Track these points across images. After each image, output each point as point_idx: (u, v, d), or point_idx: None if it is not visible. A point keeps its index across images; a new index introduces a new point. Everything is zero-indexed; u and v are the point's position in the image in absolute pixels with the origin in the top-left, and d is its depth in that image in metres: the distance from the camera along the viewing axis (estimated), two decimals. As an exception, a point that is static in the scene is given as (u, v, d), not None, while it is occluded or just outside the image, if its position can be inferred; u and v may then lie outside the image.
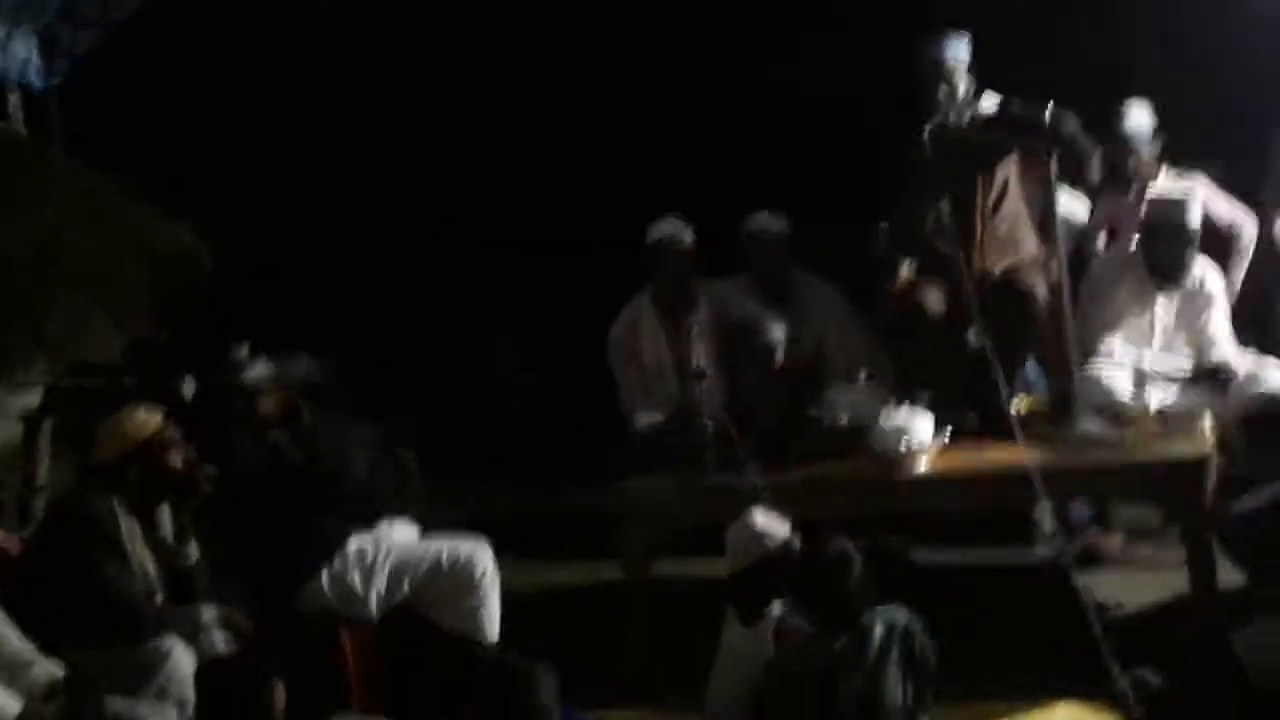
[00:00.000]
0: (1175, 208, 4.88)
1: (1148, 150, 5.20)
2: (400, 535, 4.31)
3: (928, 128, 4.66)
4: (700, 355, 4.74)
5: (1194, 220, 4.87)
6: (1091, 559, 5.08)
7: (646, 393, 5.12)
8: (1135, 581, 4.87)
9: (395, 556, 4.18)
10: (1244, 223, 5.21)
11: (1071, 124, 4.51)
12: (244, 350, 4.46)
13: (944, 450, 4.48)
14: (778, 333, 4.90)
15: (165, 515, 3.97)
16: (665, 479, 4.72)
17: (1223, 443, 4.47)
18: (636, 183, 6.19)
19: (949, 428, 4.48)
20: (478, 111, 6.79)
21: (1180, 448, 4.35)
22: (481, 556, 4.18)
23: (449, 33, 6.79)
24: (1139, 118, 5.21)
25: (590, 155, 6.55)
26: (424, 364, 6.69)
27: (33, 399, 4.94)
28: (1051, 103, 4.55)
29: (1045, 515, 4.37)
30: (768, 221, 5.33)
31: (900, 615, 3.35)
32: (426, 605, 4.15)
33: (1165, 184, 5.14)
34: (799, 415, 4.81)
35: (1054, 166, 4.57)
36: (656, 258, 5.13)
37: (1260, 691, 3.22)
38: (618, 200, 6.05)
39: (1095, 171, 4.85)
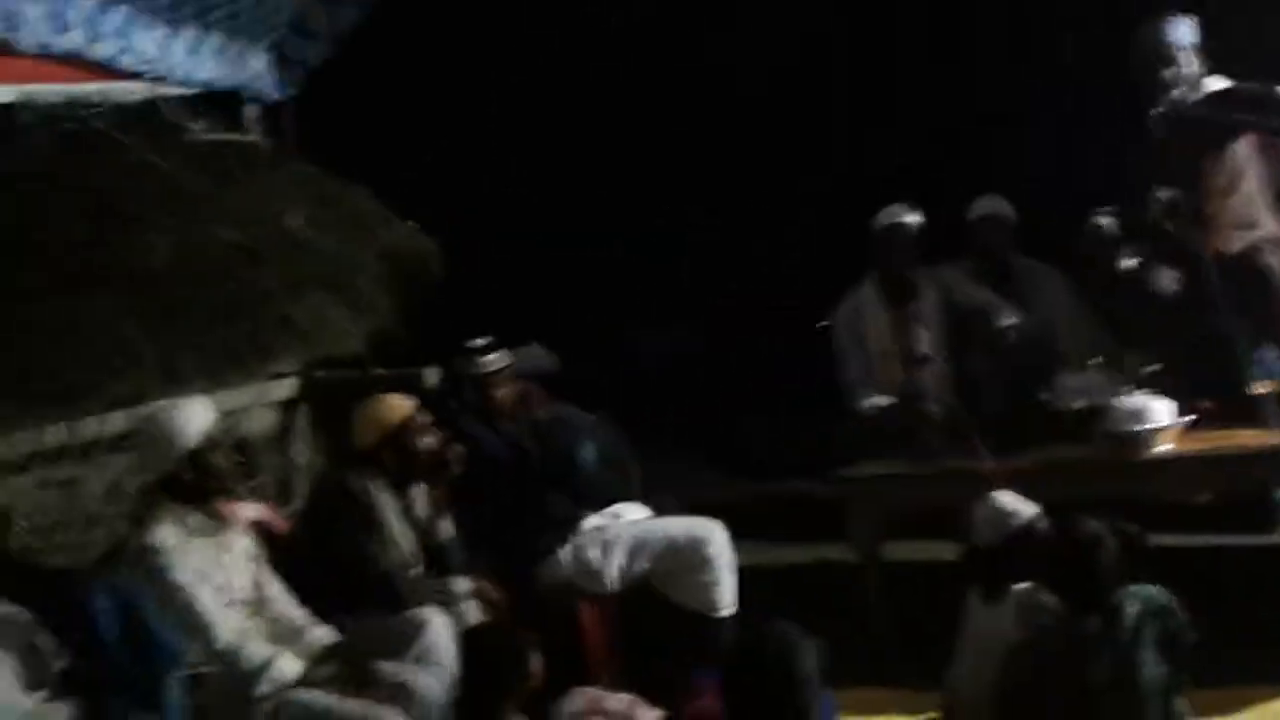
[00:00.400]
0: None
1: None
2: (635, 516, 4.46)
3: (1159, 110, 4.60)
4: (925, 340, 4.75)
5: None
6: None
7: (871, 378, 5.14)
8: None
9: (632, 534, 4.35)
10: None
11: None
12: (481, 342, 4.63)
13: (1182, 433, 4.41)
14: (1007, 317, 4.86)
15: (421, 494, 4.19)
16: (895, 462, 4.76)
17: None
18: (853, 167, 6.22)
19: (1187, 413, 4.41)
20: (694, 102, 6.87)
21: None
22: (716, 534, 4.30)
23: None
24: None
25: (804, 138, 6.58)
26: (638, 354, 6.85)
27: (286, 389, 5.24)
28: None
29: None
30: (994, 205, 5.30)
31: (1155, 594, 3.31)
32: (663, 581, 4.28)
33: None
34: (1029, 400, 4.77)
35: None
36: (882, 243, 5.14)
37: None
38: (836, 184, 6.10)
39: None
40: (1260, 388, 4.59)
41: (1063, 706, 3.20)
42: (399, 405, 4.15)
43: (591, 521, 4.41)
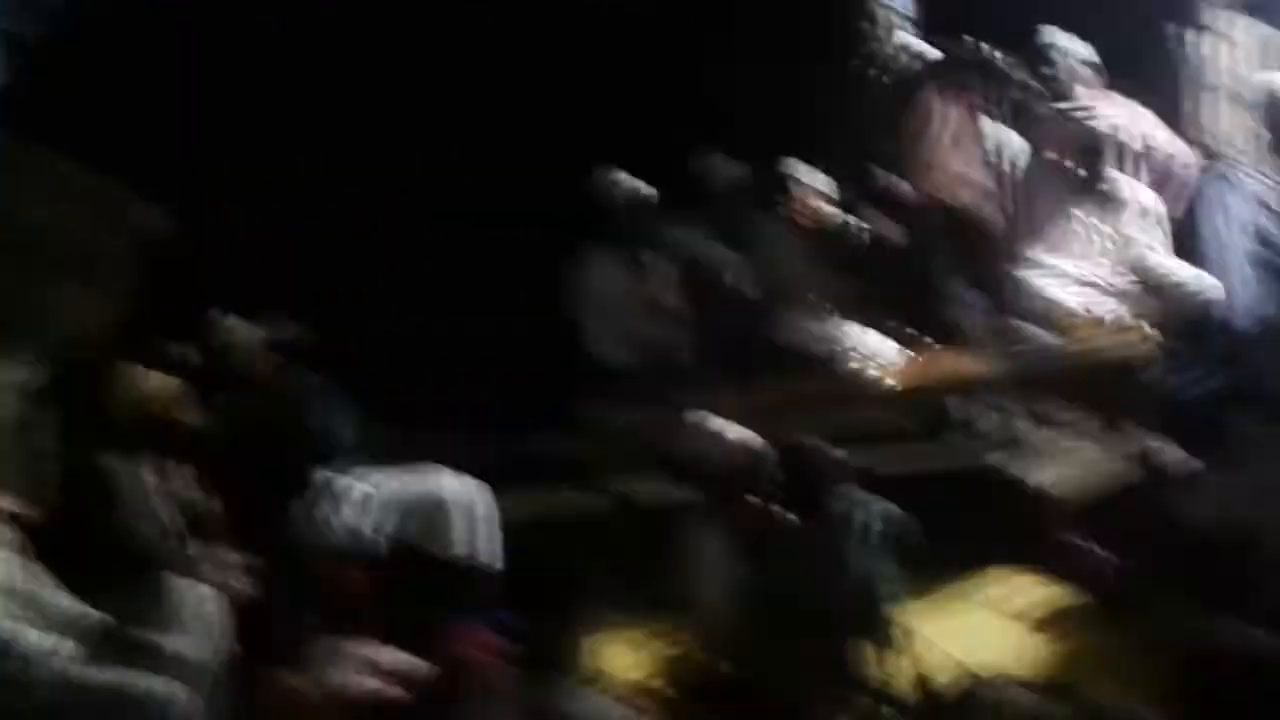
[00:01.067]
0: (1096, 119, 5.20)
1: (1073, 74, 5.48)
2: (396, 478, 4.59)
3: (860, 64, 4.96)
4: (667, 293, 5.02)
5: (1105, 129, 5.18)
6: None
7: (614, 334, 5.39)
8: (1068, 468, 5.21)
9: (397, 495, 4.48)
10: (1179, 156, 5.52)
11: (1000, 56, 4.80)
12: (230, 315, 4.67)
13: (903, 366, 4.81)
14: (741, 269, 5.18)
15: (180, 468, 4.20)
16: (640, 409, 5.01)
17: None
18: (580, 133, 6.41)
19: (906, 343, 4.81)
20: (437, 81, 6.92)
21: (1121, 348, 4.67)
22: (478, 490, 4.47)
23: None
24: (1066, 43, 5.50)
25: (529, 104, 6.73)
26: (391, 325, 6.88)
27: (29, 374, 5.12)
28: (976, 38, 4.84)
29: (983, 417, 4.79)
30: (721, 164, 5.61)
31: (876, 503, 3.65)
32: (427, 536, 4.43)
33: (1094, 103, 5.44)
34: (767, 343, 5.09)
35: (990, 97, 4.83)
36: (620, 206, 5.38)
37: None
38: (562, 151, 6.27)
39: (1030, 97, 5.15)
40: (966, 323, 5.04)
41: (794, 605, 3.49)
42: (160, 383, 4.15)
43: (357, 487, 4.52)
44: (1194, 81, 5.57)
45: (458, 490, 4.47)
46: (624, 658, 4.25)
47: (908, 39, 5.04)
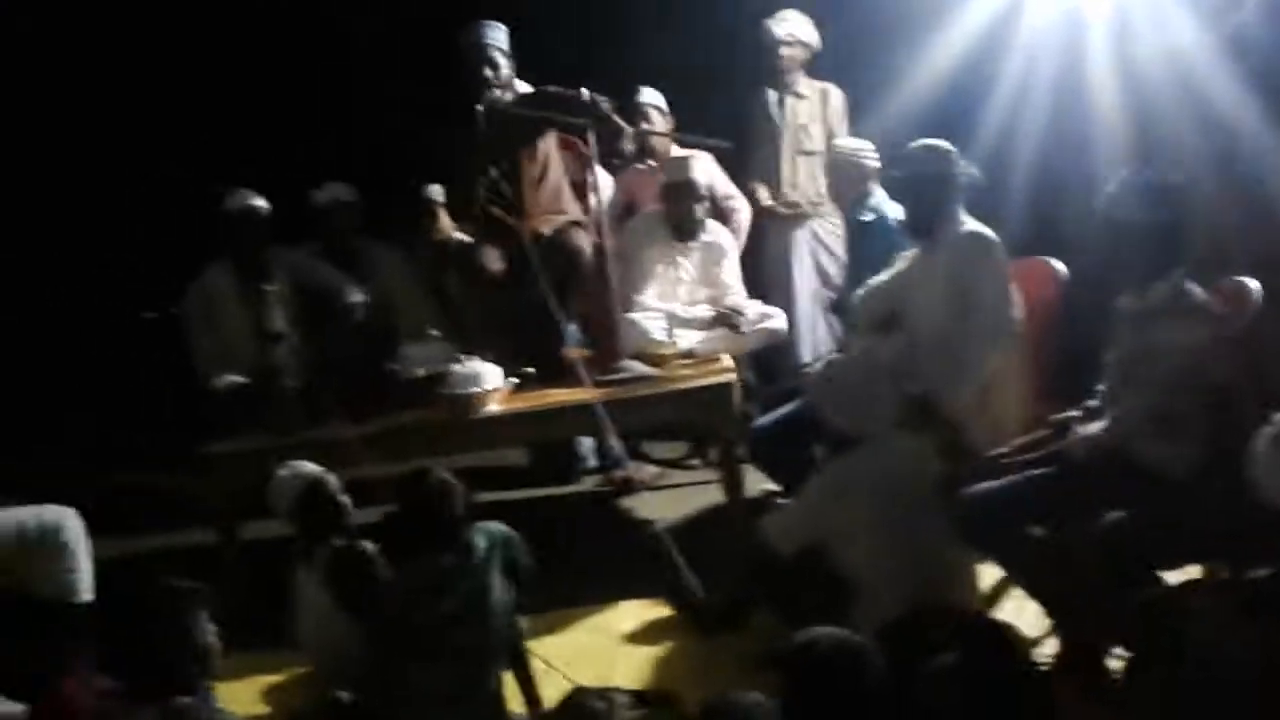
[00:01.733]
0: (684, 166, 5.63)
1: (661, 126, 5.93)
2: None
3: (480, 106, 5.15)
4: (279, 319, 4.99)
5: (701, 178, 5.64)
6: (631, 488, 5.85)
7: (225, 358, 5.29)
8: (674, 500, 5.67)
9: None
10: (740, 201, 6.07)
11: (605, 104, 5.11)
12: None
13: (511, 393, 5.01)
14: (356, 295, 5.24)
15: None
16: (250, 438, 4.96)
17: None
18: (201, 154, 6.28)
19: (514, 376, 5.02)
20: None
21: (708, 378, 5.09)
22: (68, 521, 4.25)
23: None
24: (651, 98, 5.94)
25: (149, 126, 6.53)
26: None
27: None
28: (584, 88, 5.13)
29: (607, 447, 5.10)
30: (339, 191, 5.65)
31: (498, 529, 3.82)
32: (16, 573, 4.20)
33: (676, 155, 5.90)
34: (378, 371, 5.17)
35: (592, 141, 5.13)
36: (233, 226, 5.30)
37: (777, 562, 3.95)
38: (181, 173, 6.13)
39: (627, 144, 5.51)
40: (570, 353, 5.33)
41: (423, 634, 3.61)
42: None
43: None
44: (767, 135, 6.17)
45: (54, 521, 4.26)
46: (242, 693, 4.24)
47: (524, 87, 5.26)
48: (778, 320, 5.67)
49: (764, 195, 6.18)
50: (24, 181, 6.49)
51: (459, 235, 5.39)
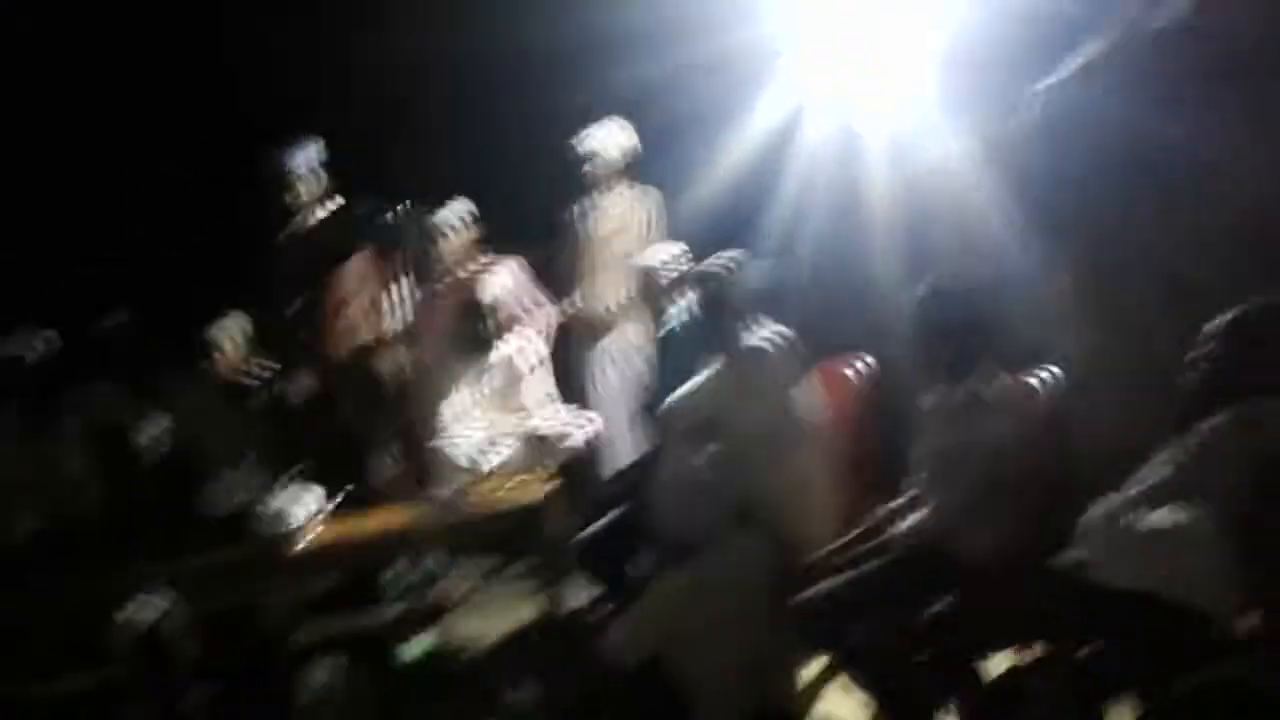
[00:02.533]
0: (471, 286, 5.61)
1: (457, 241, 5.95)
2: None
3: (286, 231, 5.12)
4: (76, 462, 4.79)
5: (489, 294, 5.60)
6: (443, 608, 5.76)
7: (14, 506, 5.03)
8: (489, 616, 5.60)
9: None
10: (547, 306, 6.14)
11: (416, 221, 5.14)
12: None
13: (325, 523, 4.90)
14: (154, 429, 5.05)
15: None
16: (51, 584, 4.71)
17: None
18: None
19: (328, 503, 4.92)
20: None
21: (524, 496, 5.08)
22: None
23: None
24: (448, 215, 5.97)
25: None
26: None
27: None
28: (400, 206, 5.15)
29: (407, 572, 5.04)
30: (124, 319, 5.47)
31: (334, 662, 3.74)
32: None
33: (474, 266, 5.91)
34: (186, 507, 4.99)
35: (400, 259, 5.13)
36: (16, 368, 5.08)
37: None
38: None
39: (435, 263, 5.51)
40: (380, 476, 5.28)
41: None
42: None
43: None
44: (580, 244, 6.29)
45: None
46: None
47: (335, 204, 5.24)
48: (586, 430, 5.68)
49: (565, 305, 6.25)
50: None
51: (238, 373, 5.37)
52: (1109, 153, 4.66)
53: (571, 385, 6.15)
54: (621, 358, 6.33)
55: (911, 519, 3.77)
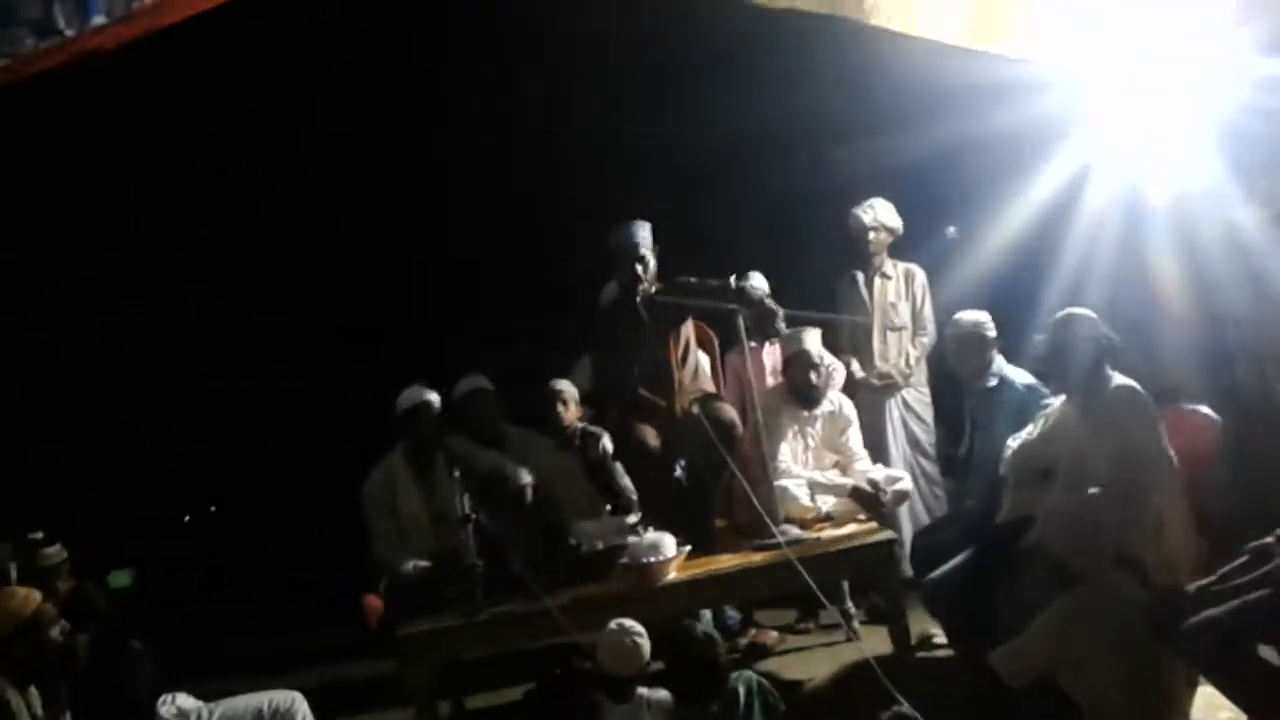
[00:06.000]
0: (799, 339, 6.04)
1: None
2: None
3: (638, 297, 5.60)
4: (463, 502, 5.28)
5: (813, 348, 6.06)
6: (758, 652, 6.14)
7: (406, 544, 5.55)
8: (807, 661, 5.96)
9: (222, 712, 4.63)
10: (838, 366, 6.53)
11: (755, 291, 5.61)
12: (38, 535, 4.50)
13: (685, 561, 5.33)
14: (525, 477, 5.54)
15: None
16: (444, 617, 5.19)
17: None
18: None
19: (686, 545, 5.35)
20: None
21: (871, 536, 5.46)
22: (298, 703, 4.67)
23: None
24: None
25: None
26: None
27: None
28: (733, 276, 5.62)
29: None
30: (477, 381, 5.98)
31: (751, 676, 4.13)
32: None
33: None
34: (556, 547, 5.45)
35: (742, 324, 5.57)
36: (410, 420, 5.64)
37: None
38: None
39: (780, 325, 5.95)
40: (719, 522, 5.70)
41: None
42: (27, 597, 3.95)
43: (178, 704, 4.56)
44: (865, 311, 6.71)
45: (287, 703, 4.57)
46: None
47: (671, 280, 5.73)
48: (905, 482, 6.07)
49: (858, 368, 6.67)
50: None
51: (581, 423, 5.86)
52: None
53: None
54: (904, 418, 6.73)
55: (1297, 548, 4.04)
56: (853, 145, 7.05)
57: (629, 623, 4.49)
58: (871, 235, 6.71)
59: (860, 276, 6.76)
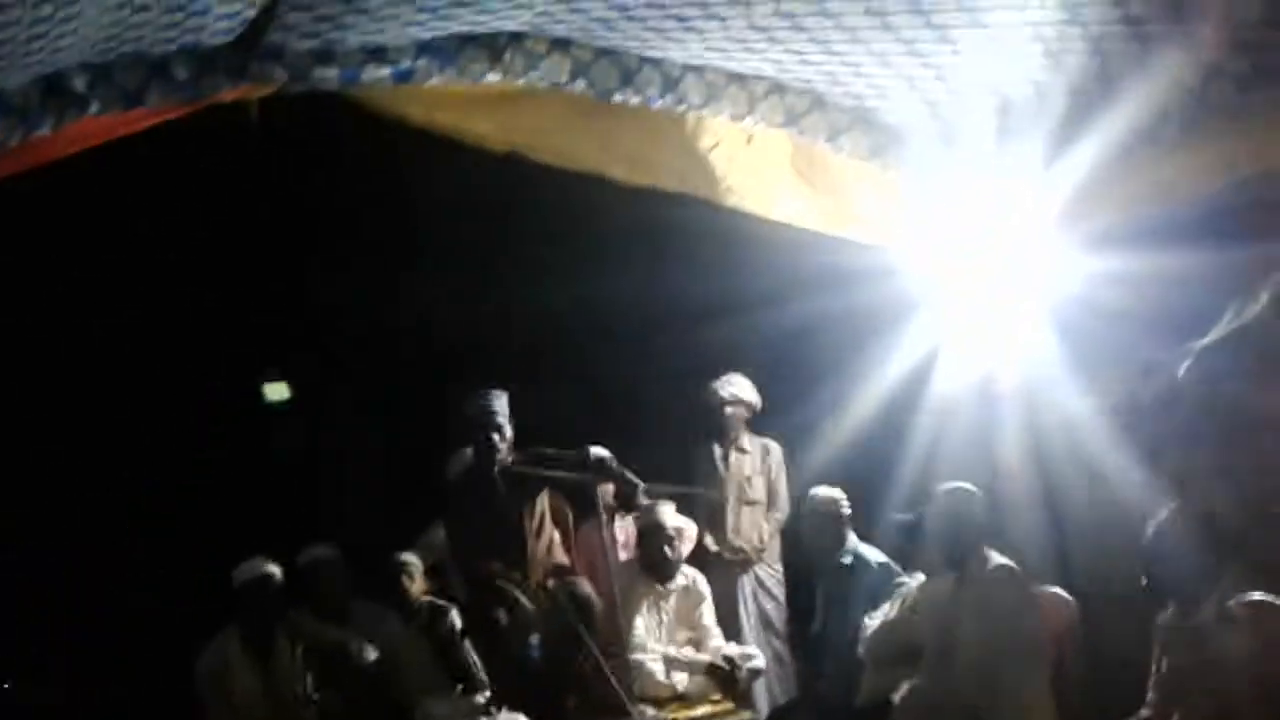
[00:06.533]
0: (654, 511, 5.98)
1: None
2: None
3: (495, 467, 5.47)
4: (302, 682, 4.99)
5: (672, 522, 5.99)
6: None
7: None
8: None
9: None
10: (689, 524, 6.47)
11: (612, 462, 5.54)
12: None
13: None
14: (370, 653, 5.28)
15: None
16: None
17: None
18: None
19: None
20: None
21: (731, 715, 5.33)
22: None
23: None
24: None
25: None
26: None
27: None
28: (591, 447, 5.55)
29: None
30: (322, 551, 5.74)
31: None
32: None
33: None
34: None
35: (601, 495, 5.48)
36: (252, 598, 5.34)
37: None
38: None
39: (641, 498, 5.86)
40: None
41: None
42: None
43: None
44: (723, 484, 6.68)
45: None
46: None
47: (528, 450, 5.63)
48: (759, 660, 5.98)
49: (711, 542, 6.60)
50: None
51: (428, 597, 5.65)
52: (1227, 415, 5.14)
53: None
54: (756, 594, 6.69)
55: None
56: (712, 325, 7.12)
57: None
58: (729, 410, 6.73)
59: (717, 450, 6.75)
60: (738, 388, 6.76)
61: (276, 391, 7.41)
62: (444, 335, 7.19)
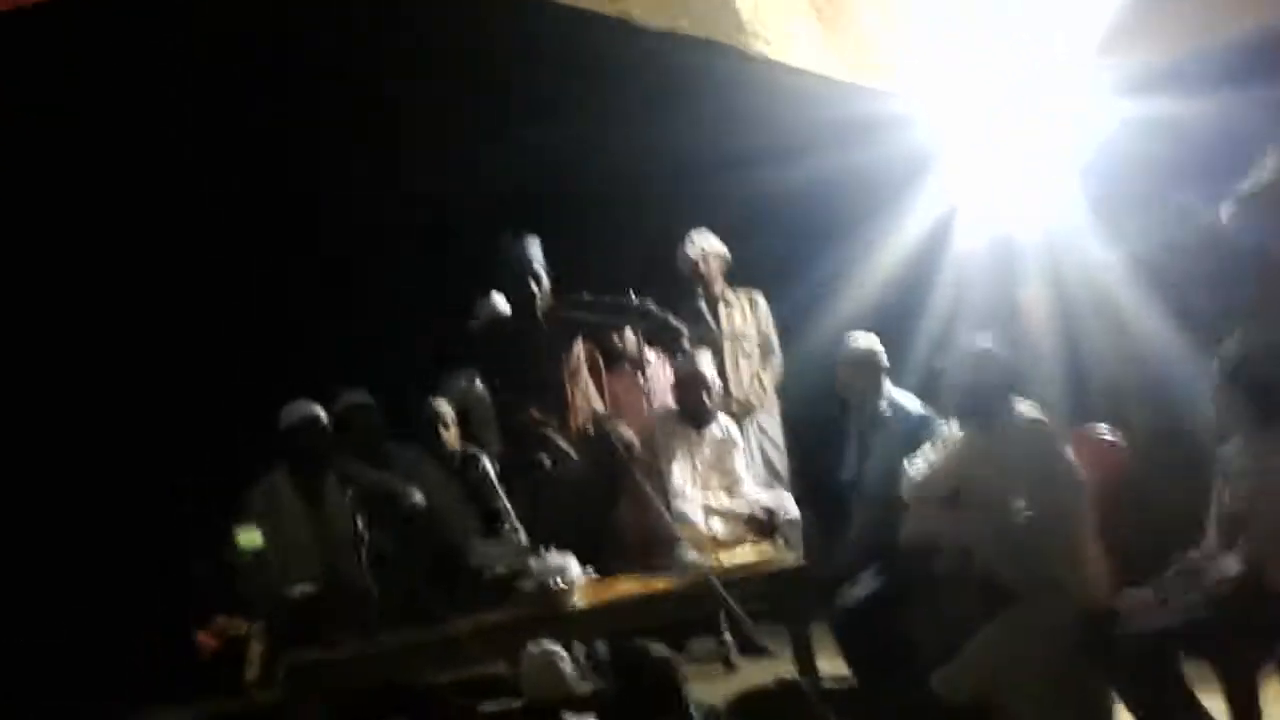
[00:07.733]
0: (691, 360, 5.91)
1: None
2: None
3: (535, 314, 5.41)
4: (355, 523, 4.95)
5: (708, 369, 5.96)
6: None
7: (291, 568, 5.15)
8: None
9: None
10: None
11: (654, 308, 5.49)
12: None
13: (588, 585, 5.11)
14: (418, 495, 5.24)
15: None
16: (336, 646, 4.83)
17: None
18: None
19: (588, 566, 5.13)
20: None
21: (775, 564, 5.36)
22: None
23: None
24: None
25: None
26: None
27: None
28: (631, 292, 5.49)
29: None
30: (357, 396, 5.66)
31: (705, 701, 3.99)
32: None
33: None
34: (449, 569, 5.15)
35: (631, 339, 5.44)
36: (299, 439, 5.27)
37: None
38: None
39: (685, 343, 5.82)
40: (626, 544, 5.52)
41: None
42: None
43: None
44: (717, 338, 6.64)
45: None
46: None
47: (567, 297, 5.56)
48: (794, 510, 5.99)
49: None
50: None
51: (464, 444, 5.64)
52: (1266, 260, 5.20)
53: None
54: (761, 443, 6.72)
55: (1225, 563, 4.15)
56: (728, 177, 7.02)
57: (550, 644, 4.27)
58: (700, 265, 6.69)
59: (703, 305, 6.70)
60: (702, 240, 6.71)
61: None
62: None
